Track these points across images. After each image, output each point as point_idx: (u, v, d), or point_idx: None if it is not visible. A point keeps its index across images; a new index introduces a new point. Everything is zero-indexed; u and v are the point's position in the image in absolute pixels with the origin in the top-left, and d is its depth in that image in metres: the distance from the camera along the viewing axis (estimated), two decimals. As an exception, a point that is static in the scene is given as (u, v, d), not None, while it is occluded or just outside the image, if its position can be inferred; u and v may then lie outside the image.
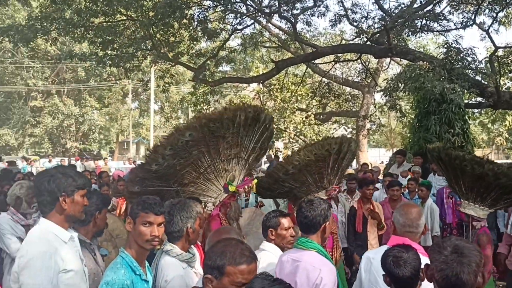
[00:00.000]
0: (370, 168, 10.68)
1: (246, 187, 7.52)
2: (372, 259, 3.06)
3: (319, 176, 5.34)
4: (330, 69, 17.28)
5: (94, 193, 3.41)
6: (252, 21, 14.89)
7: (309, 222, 3.02)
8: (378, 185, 8.32)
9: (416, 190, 7.14)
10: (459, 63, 9.05)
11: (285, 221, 3.39)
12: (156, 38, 13.38)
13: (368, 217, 6.00)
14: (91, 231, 3.29)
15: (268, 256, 3.24)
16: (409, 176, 8.30)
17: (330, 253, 5.12)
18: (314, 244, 3.00)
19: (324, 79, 18.74)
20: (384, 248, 3.00)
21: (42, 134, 36.47)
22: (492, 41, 10.17)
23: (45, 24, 12.37)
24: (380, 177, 9.73)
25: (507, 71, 11.83)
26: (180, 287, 2.77)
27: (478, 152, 34.33)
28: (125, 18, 13.52)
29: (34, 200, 4.83)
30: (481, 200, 4.57)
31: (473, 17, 10.12)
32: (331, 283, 2.86)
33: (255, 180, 4.67)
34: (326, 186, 5.41)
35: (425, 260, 2.80)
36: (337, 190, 5.50)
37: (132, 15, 13.24)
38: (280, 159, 18.91)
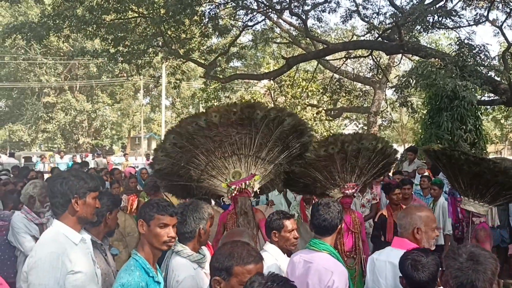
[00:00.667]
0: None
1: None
2: (375, 260, 3.09)
3: (329, 174, 5.25)
4: (342, 65, 17.20)
5: (105, 193, 3.45)
6: (263, 17, 14.88)
7: (328, 225, 3.03)
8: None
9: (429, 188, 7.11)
10: (472, 59, 8.95)
11: (289, 223, 3.36)
12: (167, 35, 13.42)
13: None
14: (102, 232, 3.32)
15: (268, 258, 3.22)
16: (426, 173, 8.22)
17: (353, 255, 5.10)
18: (327, 246, 3.02)
19: (335, 75, 18.66)
20: (389, 249, 3.06)
21: (55, 130, 36.81)
22: (506, 38, 10.02)
23: (57, 21, 12.46)
24: (390, 174, 9.67)
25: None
26: (191, 287, 2.79)
27: (491, 148, 34.03)
28: (136, 15, 13.58)
29: (47, 200, 4.91)
30: (480, 196, 4.59)
31: (485, 13, 9.98)
32: (343, 285, 2.88)
33: (257, 177, 4.64)
34: (339, 184, 5.22)
35: None
36: (355, 188, 5.26)
37: (144, 12, 13.29)
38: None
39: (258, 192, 4.82)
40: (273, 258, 3.25)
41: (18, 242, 4.58)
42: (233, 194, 4.53)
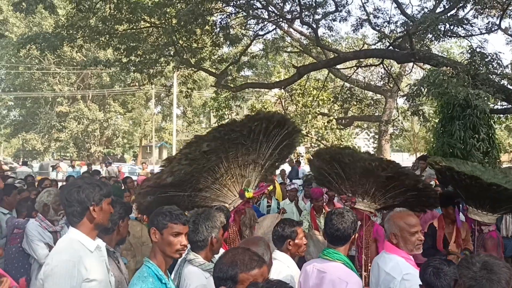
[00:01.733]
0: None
1: (267, 192, 7.55)
2: (377, 263, 3.22)
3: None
4: (352, 73, 17.19)
5: (117, 202, 3.48)
6: (274, 26, 14.95)
7: (341, 235, 3.03)
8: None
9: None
10: (484, 68, 8.89)
11: (300, 230, 3.42)
12: (179, 45, 13.55)
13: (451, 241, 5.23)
14: (114, 239, 3.35)
15: (281, 267, 3.23)
16: (432, 182, 8.19)
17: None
18: (340, 255, 3.01)
19: (346, 83, 18.64)
20: (383, 252, 3.23)
21: (68, 139, 37.19)
22: (518, 45, 9.99)
23: (71, 32, 12.67)
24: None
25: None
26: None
27: (505, 157, 33.61)
28: (148, 25, 13.74)
29: (61, 208, 4.96)
30: (481, 206, 4.66)
31: (498, 22, 9.93)
32: None
33: (271, 187, 4.64)
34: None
35: (403, 265, 2.98)
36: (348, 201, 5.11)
37: (156, 22, 13.45)
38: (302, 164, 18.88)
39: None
40: (285, 266, 3.25)
41: (32, 250, 4.62)
42: (243, 205, 4.53)
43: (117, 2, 12.11)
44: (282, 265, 3.22)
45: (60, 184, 10.00)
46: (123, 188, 8.91)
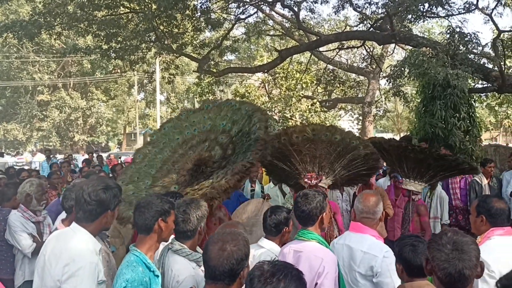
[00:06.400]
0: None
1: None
2: (336, 244, 3.40)
3: (291, 164, 5.38)
4: (335, 56, 17.21)
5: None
6: (255, 9, 14.85)
7: (306, 216, 3.11)
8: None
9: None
10: (463, 47, 8.99)
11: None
12: (160, 30, 13.39)
13: None
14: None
15: (270, 255, 3.21)
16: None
17: None
18: (314, 235, 3.09)
19: (329, 66, 18.67)
20: (347, 233, 3.38)
21: (50, 128, 36.70)
22: (496, 25, 10.05)
23: (48, 19, 12.42)
24: (385, 164, 9.72)
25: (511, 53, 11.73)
26: (191, 287, 2.80)
27: (486, 135, 34.14)
28: (128, 11, 13.54)
29: (44, 197, 4.94)
30: (420, 177, 5.49)
31: (475, 1, 10.00)
32: (333, 271, 2.96)
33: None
34: (301, 174, 5.34)
35: (379, 244, 3.16)
36: (318, 178, 5.26)
37: (135, 8, 13.25)
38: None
39: None
40: (273, 256, 3.26)
41: (16, 241, 4.61)
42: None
43: (95, -12, 11.90)
44: (271, 255, 3.22)
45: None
46: (111, 175, 8.91)
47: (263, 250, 3.36)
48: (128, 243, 5.53)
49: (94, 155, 19.11)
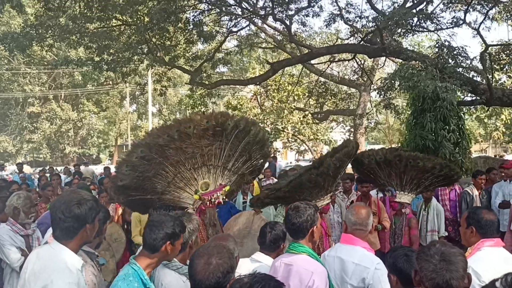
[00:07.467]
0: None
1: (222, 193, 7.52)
2: (326, 256, 3.38)
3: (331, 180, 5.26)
4: (326, 68, 17.34)
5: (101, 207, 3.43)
6: (247, 22, 14.96)
7: (297, 228, 3.09)
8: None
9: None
10: (451, 61, 9.12)
11: None
12: (152, 42, 13.43)
13: None
14: (94, 242, 3.31)
15: (266, 270, 3.19)
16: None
17: None
18: (305, 248, 3.07)
19: (320, 78, 18.79)
20: (338, 245, 3.37)
21: (40, 140, 36.47)
22: (483, 39, 10.23)
23: (40, 31, 12.41)
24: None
25: (499, 67, 11.91)
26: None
27: (476, 147, 34.42)
28: (120, 23, 13.56)
29: (32, 211, 4.89)
30: (416, 188, 5.65)
31: (463, 16, 10.18)
32: (323, 284, 2.94)
33: (227, 187, 4.69)
34: (332, 190, 5.20)
35: (370, 256, 3.17)
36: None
37: (128, 20, 13.28)
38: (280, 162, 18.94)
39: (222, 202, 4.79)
40: (267, 267, 3.27)
41: (4, 255, 4.55)
42: (204, 206, 4.54)
43: (87, 0, 11.90)
44: (267, 269, 3.22)
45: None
46: (99, 189, 8.83)
47: (259, 264, 3.35)
48: (118, 259, 5.51)
49: (82, 167, 18.95)
